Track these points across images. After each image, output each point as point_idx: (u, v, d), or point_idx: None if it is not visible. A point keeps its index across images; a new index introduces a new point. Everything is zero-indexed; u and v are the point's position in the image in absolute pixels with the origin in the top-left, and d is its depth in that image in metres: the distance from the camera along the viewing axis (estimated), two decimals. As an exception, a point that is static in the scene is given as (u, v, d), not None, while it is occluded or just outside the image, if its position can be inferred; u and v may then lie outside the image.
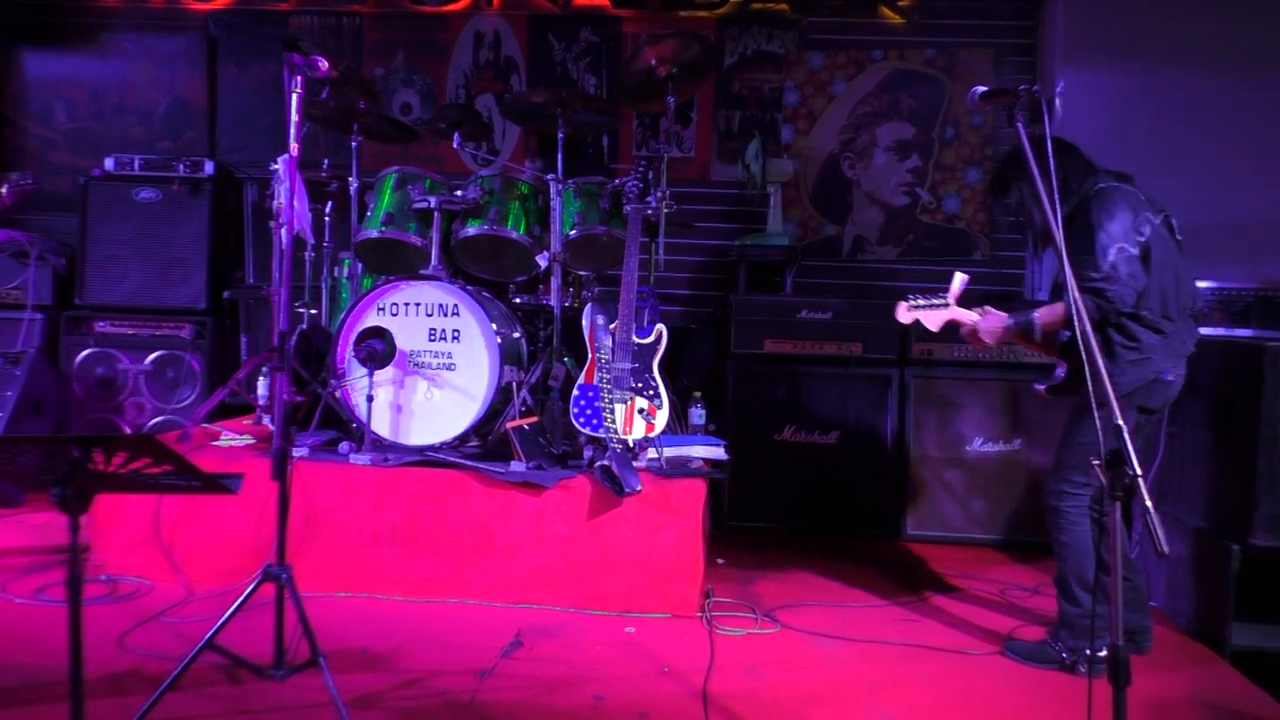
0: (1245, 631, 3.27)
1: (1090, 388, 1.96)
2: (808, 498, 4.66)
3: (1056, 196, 2.07)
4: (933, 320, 3.24)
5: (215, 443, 3.92)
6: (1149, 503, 1.80)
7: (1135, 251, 2.93)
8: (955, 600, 3.79)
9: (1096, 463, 1.87)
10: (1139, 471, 1.80)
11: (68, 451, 1.79)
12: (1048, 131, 2.14)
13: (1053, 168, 2.13)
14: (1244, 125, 5.00)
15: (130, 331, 5.21)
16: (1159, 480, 3.77)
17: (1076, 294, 2.08)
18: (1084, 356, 1.97)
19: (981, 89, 2.35)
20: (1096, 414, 1.95)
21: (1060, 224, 2.14)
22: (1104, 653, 2.96)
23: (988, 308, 3.27)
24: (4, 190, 3.69)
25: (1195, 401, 3.57)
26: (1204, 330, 3.41)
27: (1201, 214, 3.12)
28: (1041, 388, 3.23)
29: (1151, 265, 2.97)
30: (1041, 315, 3.08)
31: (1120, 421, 1.86)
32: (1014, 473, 4.57)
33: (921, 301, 3.25)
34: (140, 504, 3.55)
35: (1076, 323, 2.02)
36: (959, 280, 3.22)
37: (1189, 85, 5.06)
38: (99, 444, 1.78)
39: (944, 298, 3.23)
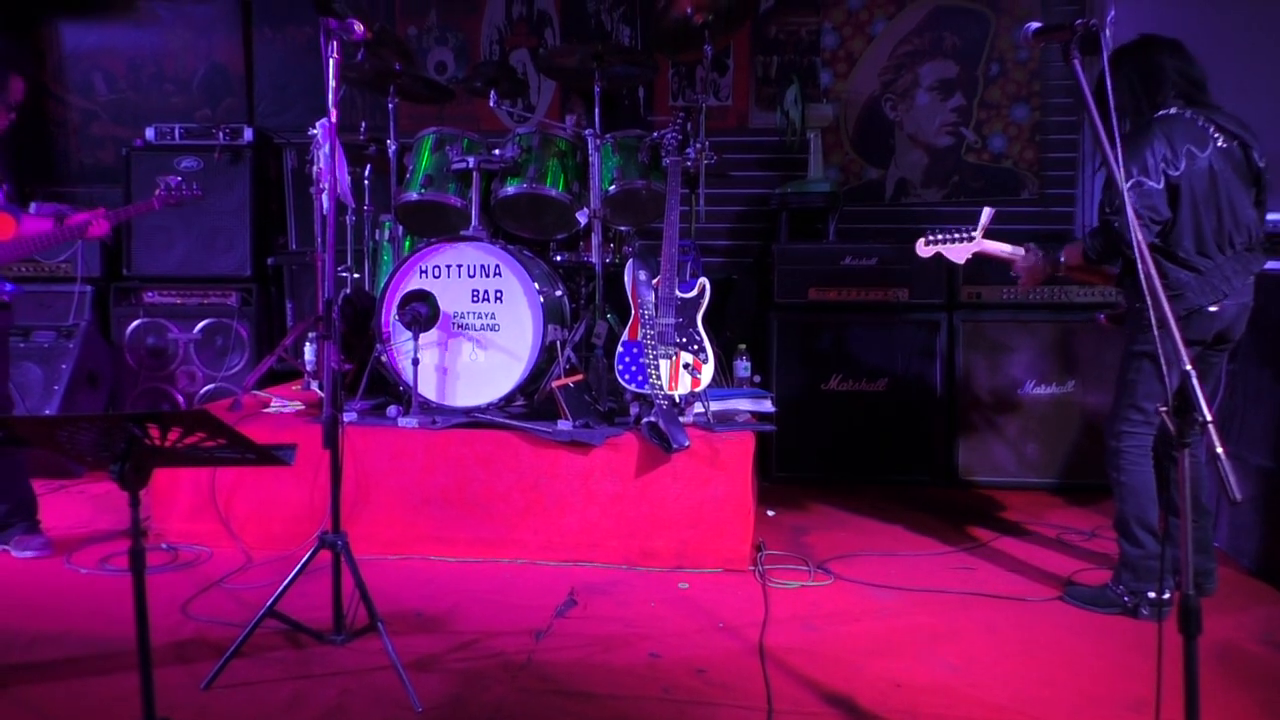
0: (1312, 571, 3.22)
1: (1136, 323, 1.89)
2: (857, 446, 4.63)
3: (1116, 133, 1.98)
4: (957, 254, 3.25)
5: (266, 410, 3.96)
6: (1220, 449, 1.74)
7: (1158, 185, 2.85)
8: (1011, 546, 3.75)
9: (1163, 409, 1.81)
10: (1209, 418, 1.74)
11: (124, 428, 1.80)
12: (1105, 68, 2.04)
13: (1111, 104, 2.04)
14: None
15: (178, 301, 5.27)
16: (1223, 419, 3.68)
17: (1138, 231, 2.00)
18: (1147, 297, 1.90)
19: (1034, 25, 2.25)
20: (1159, 348, 1.88)
21: (1119, 158, 2.05)
22: (1167, 595, 2.94)
23: (1032, 245, 3.22)
24: (158, 192, 3.72)
25: (1259, 338, 3.47)
26: (1273, 264, 3.30)
27: (1268, 141, 2.99)
28: (1103, 317, 3.25)
29: (1183, 201, 2.88)
30: (1066, 253, 3.13)
31: (1188, 366, 1.80)
32: (1068, 414, 4.49)
33: (942, 235, 3.25)
34: (197, 473, 3.61)
35: (1139, 261, 1.94)
36: (986, 213, 3.24)
37: (1245, 11, 4.86)
38: (154, 420, 1.79)
39: (970, 231, 3.21)
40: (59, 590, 3.22)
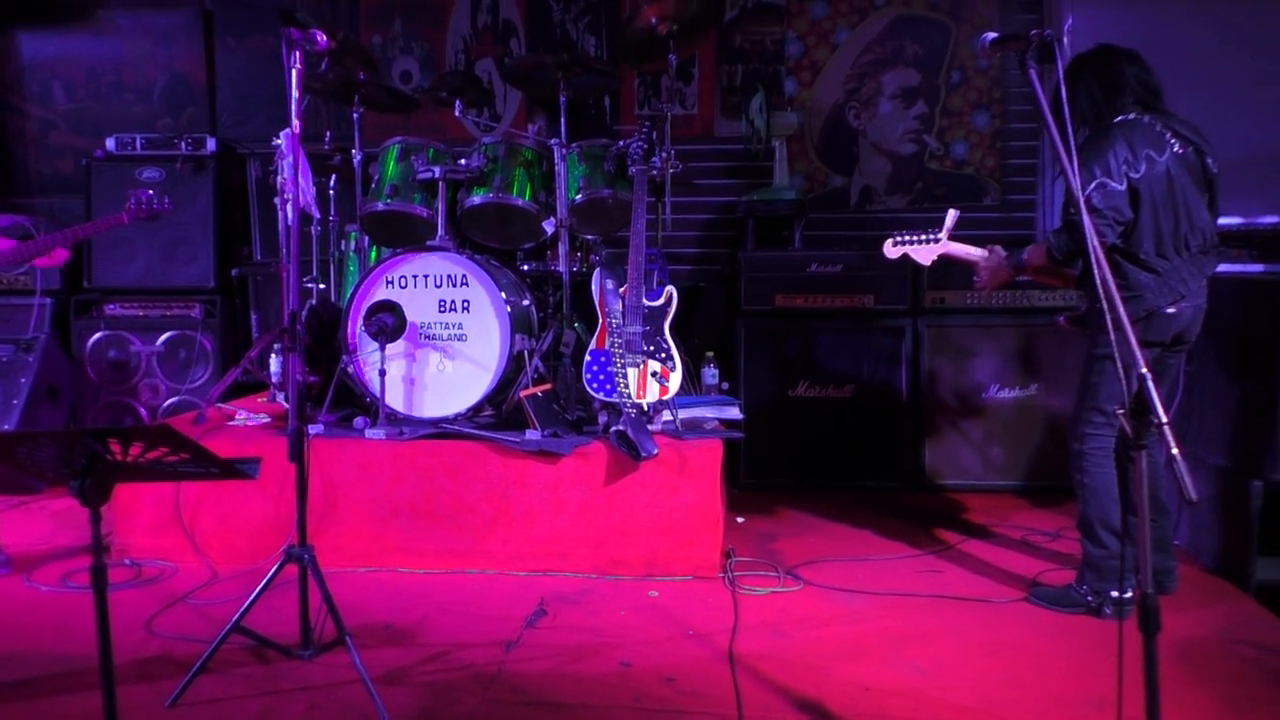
0: (1269, 566, 3.27)
1: (1096, 325, 1.93)
2: (825, 452, 4.65)
3: (1073, 142, 2.02)
4: (923, 255, 3.30)
5: (231, 423, 3.93)
6: (1175, 450, 1.78)
7: (1120, 186, 2.90)
8: (977, 548, 3.79)
9: (1120, 410, 1.84)
10: (1164, 419, 1.78)
11: (85, 444, 1.78)
12: (1060, 76, 2.08)
13: (1066, 111, 2.08)
14: (1257, 55, 4.92)
15: (140, 313, 5.21)
16: (1180, 419, 3.74)
17: (1093, 237, 2.04)
18: (1102, 300, 1.93)
19: (991, 35, 2.29)
20: (1115, 351, 1.91)
21: (1075, 164, 2.09)
22: (1130, 594, 2.98)
23: (996, 247, 3.27)
24: (128, 205, 3.62)
25: (1214, 339, 3.53)
26: (1224, 267, 3.37)
27: (1218, 148, 3.06)
28: (1062, 319, 3.27)
29: (1144, 203, 2.93)
30: (1029, 253, 3.16)
31: (1144, 370, 1.83)
32: (1031, 418, 4.55)
33: (909, 236, 3.29)
34: (160, 487, 3.56)
35: (1094, 266, 1.97)
36: (951, 215, 3.29)
37: (1199, 17, 4.96)
38: (115, 435, 1.77)
39: (935, 234, 3.26)
40: (19, 609, 3.17)
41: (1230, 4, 4.96)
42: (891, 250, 3.34)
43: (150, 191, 3.68)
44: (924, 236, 3.30)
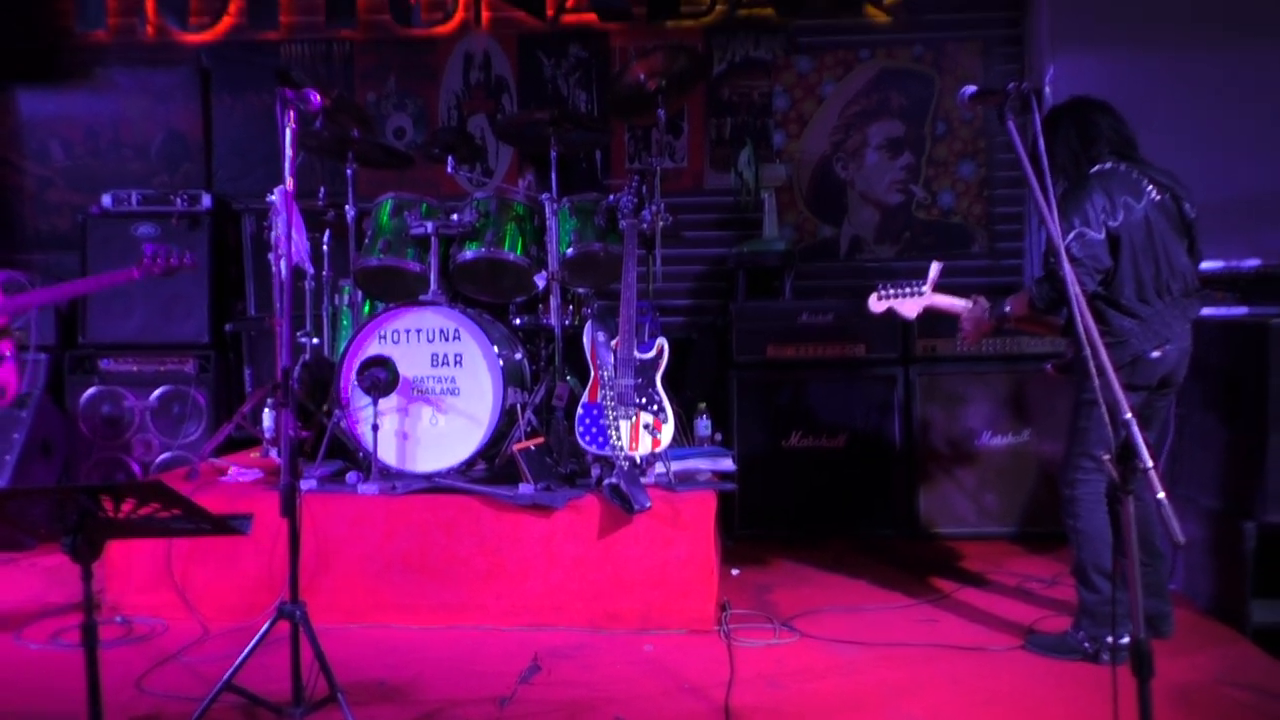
0: (1265, 609, 3.27)
1: (1082, 371, 1.96)
2: (819, 502, 4.65)
3: (1051, 193, 2.06)
4: (908, 308, 3.31)
5: (223, 478, 3.92)
6: (1161, 494, 1.79)
7: (1099, 236, 2.95)
8: (973, 596, 3.78)
9: (1106, 456, 1.86)
10: (1149, 464, 1.79)
11: (77, 501, 1.79)
12: (1038, 129, 2.12)
13: (1044, 162, 2.12)
14: (1236, 100, 5.01)
15: (134, 368, 5.21)
16: (1171, 463, 3.76)
17: (1074, 285, 2.07)
18: (1084, 346, 1.96)
19: (970, 90, 2.34)
20: (1100, 396, 1.93)
21: (1054, 212, 2.13)
22: (1125, 640, 2.97)
23: (979, 297, 3.29)
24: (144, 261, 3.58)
25: (1202, 382, 3.56)
26: (1206, 310, 3.41)
27: (1199, 192, 3.12)
28: (1049, 366, 3.28)
29: (1124, 250, 2.98)
30: (1012, 304, 3.18)
31: (1128, 415, 1.86)
32: (1024, 464, 4.56)
33: (893, 290, 3.31)
34: (152, 544, 3.54)
35: (1076, 314, 2.01)
36: (935, 268, 3.31)
37: (1180, 63, 5.07)
38: (107, 492, 1.78)
39: (919, 286, 3.28)
40: (9, 667, 3.14)
41: (1210, 52, 5.07)
42: (876, 305, 3.37)
43: (164, 247, 3.67)
44: (908, 289, 3.33)
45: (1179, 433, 3.78)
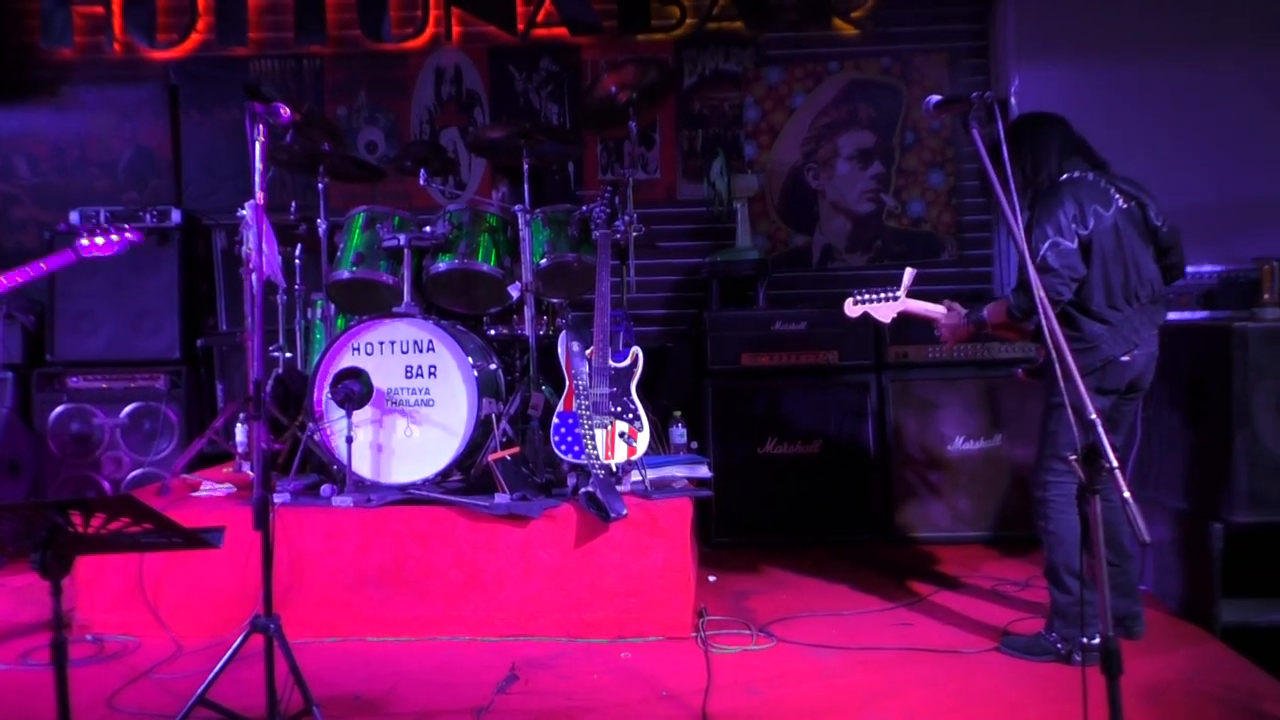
0: (1234, 608, 3.31)
1: (1052, 375, 1.99)
2: (794, 508, 4.67)
3: (1015, 198, 2.09)
4: (883, 313, 3.34)
5: (195, 493, 3.89)
6: (1126, 494, 1.82)
7: (1072, 245, 2.99)
8: (948, 599, 3.80)
9: (1072, 457, 1.89)
10: (1115, 464, 1.82)
11: (45, 516, 1.78)
12: (1001, 137, 2.16)
13: (1009, 169, 2.16)
14: (1199, 110, 5.11)
15: (104, 385, 5.16)
16: (1139, 465, 3.81)
17: (1039, 288, 2.11)
18: (1051, 351, 2.00)
19: (935, 99, 2.38)
20: (1066, 399, 1.97)
21: (1020, 221, 2.16)
22: (1096, 640, 3.00)
23: (953, 303, 3.33)
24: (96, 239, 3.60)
25: (1167, 385, 3.62)
26: (1171, 315, 3.46)
27: (1162, 200, 3.18)
28: (1020, 371, 3.31)
29: (1094, 258, 3.02)
30: (989, 311, 3.21)
31: (1093, 415, 1.89)
32: (997, 468, 4.60)
33: (868, 295, 3.34)
34: (123, 560, 3.50)
35: (1043, 318, 2.05)
36: (909, 274, 3.34)
37: (1143, 73, 5.15)
38: (77, 506, 1.76)
39: (894, 291, 3.31)
40: (-23, 690, 3.09)
41: (1171, 64, 5.16)
42: (852, 309, 3.40)
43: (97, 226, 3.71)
44: (883, 295, 3.36)
45: (1146, 435, 3.83)
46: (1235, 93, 5.13)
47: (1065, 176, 3.11)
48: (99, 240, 3.66)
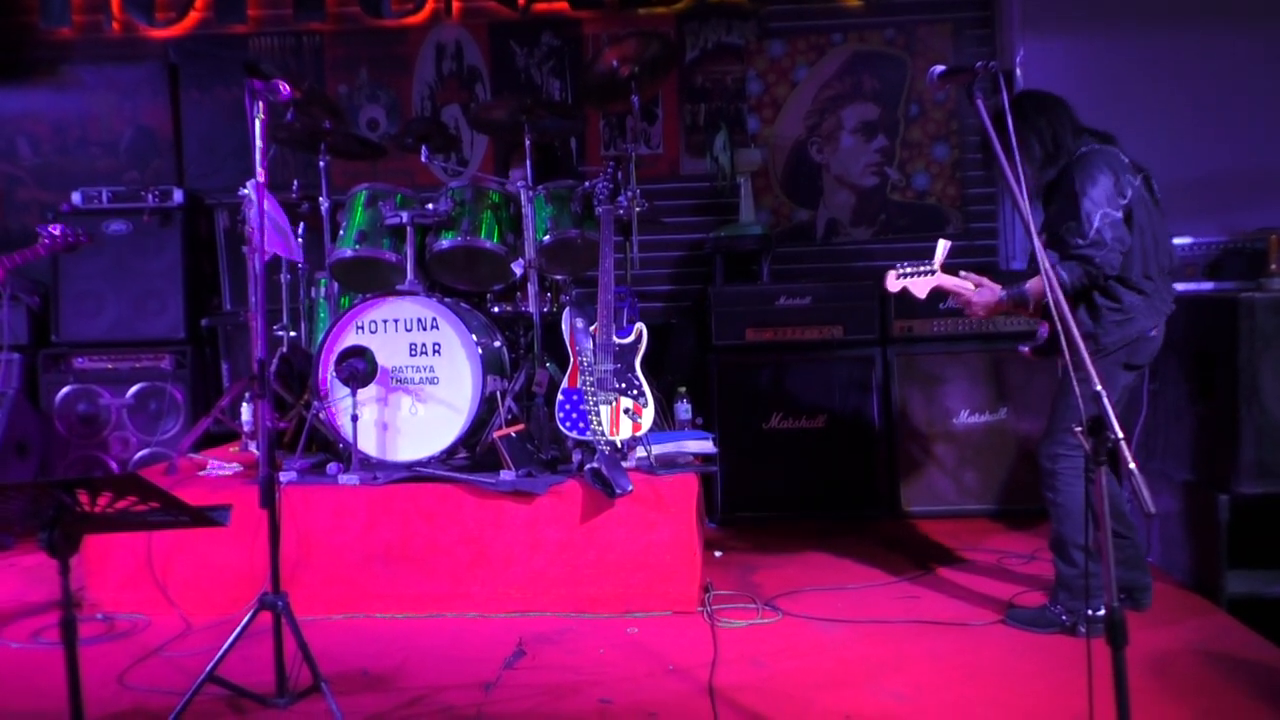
0: (1240, 579, 3.31)
1: (1066, 353, 1.98)
2: (800, 483, 4.67)
3: (1020, 168, 2.08)
4: (920, 288, 3.24)
5: (202, 473, 3.91)
6: (1133, 465, 1.82)
7: (1119, 215, 2.96)
8: (954, 573, 3.81)
9: (1079, 429, 1.89)
10: (1120, 435, 1.82)
11: (53, 495, 1.78)
12: (1006, 107, 2.14)
13: (1013, 138, 2.14)
14: (1203, 81, 5.06)
15: (109, 366, 5.17)
16: (1145, 437, 3.80)
17: (1045, 260, 2.10)
18: (1058, 325, 1.99)
19: (939, 69, 2.36)
20: (1074, 379, 1.97)
21: (1025, 192, 2.14)
22: (1101, 612, 3.00)
23: (984, 280, 3.25)
24: (43, 240, 3.70)
25: (1174, 357, 3.61)
26: (1177, 286, 3.44)
27: (1167, 171, 3.16)
28: (1026, 349, 3.25)
29: (1133, 227, 3.00)
30: (1033, 285, 3.10)
31: (1099, 387, 1.88)
32: (1002, 442, 4.60)
33: (909, 269, 3.24)
34: (131, 539, 3.52)
35: (1048, 291, 2.04)
36: (943, 246, 3.23)
37: (1147, 45, 5.11)
38: (84, 485, 1.77)
39: (930, 265, 3.23)
40: (-11, 668, 3.12)
41: (1178, 32, 5.11)
42: (894, 283, 3.26)
43: (61, 225, 3.86)
44: (921, 268, 3.23)
45: (1152, 407, 3.82)
46: (1240, 63, 5.08)
47: (1088, 149, 3.07)
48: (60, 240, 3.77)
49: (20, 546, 4.37)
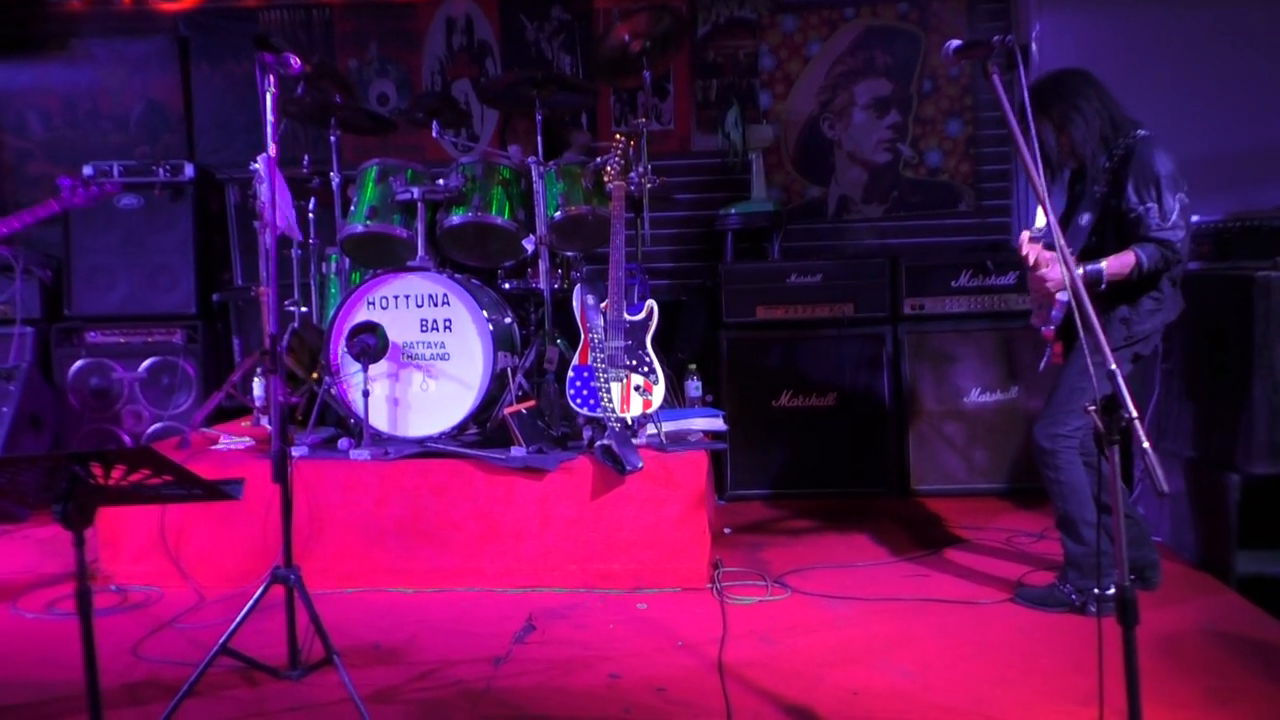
0: (1249, 559, 3.30)
1: (1081, 332, 1.97)
2: (809, 461, 4.68)
3: (1037, 150, 2.06)
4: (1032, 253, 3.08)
5: (214, 447, 3.93)
6: (1146, 444, 1.81)
7: (1189, 201, 2.95)
8: (963, 551, 3.81)
9: (1091, 407, 1.88)
10: (1135, 414, 1.81)
11: (67, 468, 1.79)
12: (1023, 83, 2.12)
13: (1031, 123, 2.12)
14: (1218, 57, 5.00)
15: (121, 340, 5.20)
16: (1157, 417, 3.79)
17: (1061, 240, 2.09)
18: (1073, 304, 1.98)
19: (955, 44, 2.33)
20: (1090, 362, 1.96)
21: (1039, 167, 2.12)
22: (1111, 590, 3.00)
23: (1050, 256, 3.05)
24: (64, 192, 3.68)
25: (1188, 336, 3.59)
26: (1191, 264, 3.42)
27: (1182, 148, 3.11)
28: (1050, 329, 3.14)
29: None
30: (1110, 265, 2.96)
31: (1113, 366, 1.88)
32: (1013, 421, 4.59)
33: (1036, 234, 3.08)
34: (145, 512, 3.55)
35: (1066, 271, 2.03)
36: (1043, 216, 2.89)
37: (1163, 20, 5.04)
38: (97, 458, 1.78)
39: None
40: (5, 637, 3.15)
41: (1193, 11, 5.05)
42: (1028, 246, 3.05)
43: (70, 180, 3.81)
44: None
45: (1165, 387, 3.81)
46: (1257, 40, 5.01)
47: (1147, 131, 3.02)
48: (79, 193, 3.73)
49: (34, 519, 4.41)
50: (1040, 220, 3.05)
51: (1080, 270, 2.97)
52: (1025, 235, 3.08)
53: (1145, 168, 2.95)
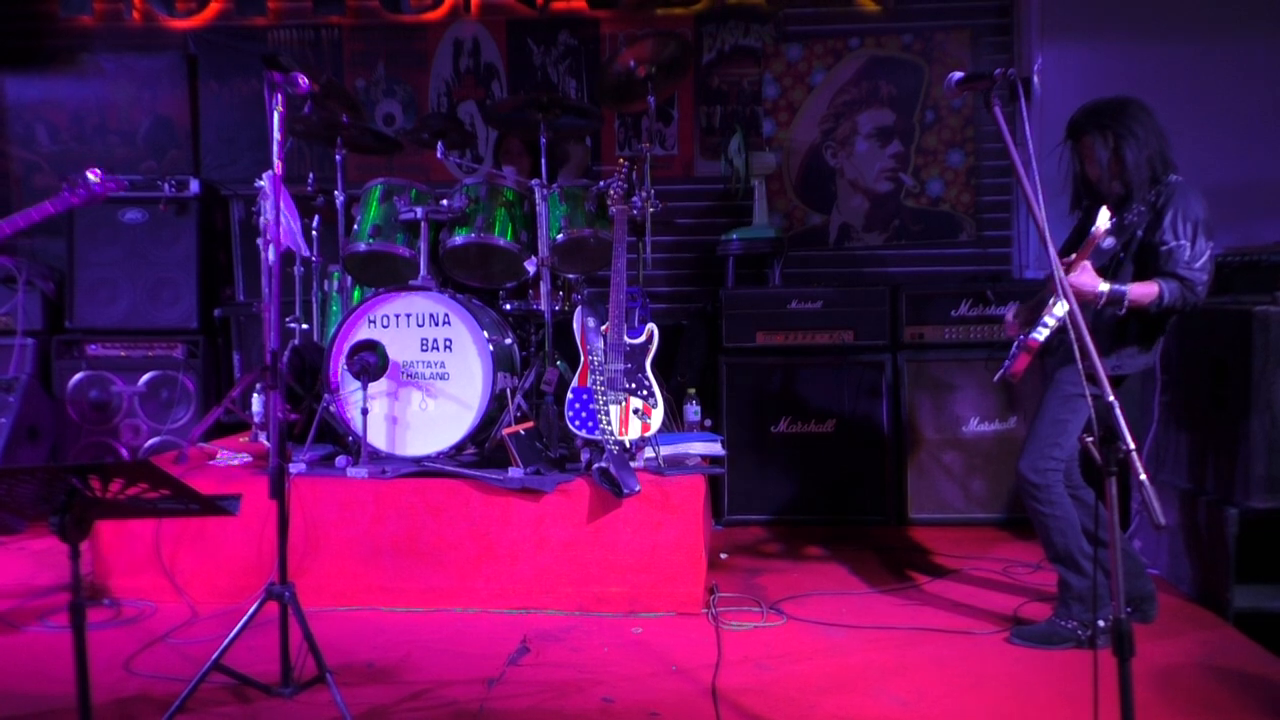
0: (1247, 594, 3.29)
1: (1080, 364, 1.97)
2: (807, 488, 4.67)
3: (1036, 175, 2.07)
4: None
5: (212, 462, 3.92)
6: (1144, 476, 1.81)
7: (1215, 253, 2.99)
8: (959, 581, 3.80)
9: (1090, 439, 1.88)
10: (1133, 446, 1.82)
11: (65, 480, 1.79)
12: (1024, 115, 2.14)
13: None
14: (1221, 91, 5.05)
15: (122, 353, 5.20)
16: (1155, 449, 3.78)
17: (1059, 269, 2.09)
18: (1072, 336, 1.98)
19: (957, 75, 2.35)
20: (1087, 391, 1.97)
21: (1040, 199, 2.12)
22: (1102, 624, 2.98)
23: (1087, 266, 2.98)
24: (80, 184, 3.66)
25: (1187, 369, 3.59)
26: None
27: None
28: (1035, 340, 3.01)
29: None
30: (1134, 291, 2.94)
31: (1112, 398, 1.88)
32: (1011, 451, 4.55)
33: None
34: (141, 526, 3.55)
35: (1066, 297, 2.03)
36: (1105, 216, 2.79)
37: (1165, 54, 5.10)
38: (95, 471, 1.78)
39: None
40: (-4, 651, 3.14)
41: (1196, 44, 5.10)
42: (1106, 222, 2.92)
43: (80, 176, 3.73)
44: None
45: (1164, 420, 3.81)
46: (1259, 74, 5.07)
47: (1176, 179, 3.04)
48: (79, 192, 3.71)
49: (30, 530, 4.40)
50: (1103, 218, 2.80)
51: (1106, 287, 2.95)
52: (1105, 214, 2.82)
53: (1188, 207, 2.97)
